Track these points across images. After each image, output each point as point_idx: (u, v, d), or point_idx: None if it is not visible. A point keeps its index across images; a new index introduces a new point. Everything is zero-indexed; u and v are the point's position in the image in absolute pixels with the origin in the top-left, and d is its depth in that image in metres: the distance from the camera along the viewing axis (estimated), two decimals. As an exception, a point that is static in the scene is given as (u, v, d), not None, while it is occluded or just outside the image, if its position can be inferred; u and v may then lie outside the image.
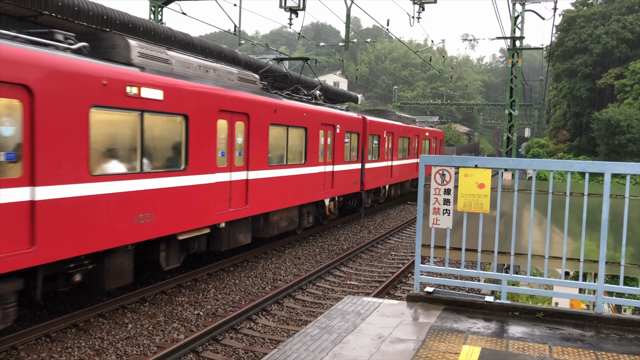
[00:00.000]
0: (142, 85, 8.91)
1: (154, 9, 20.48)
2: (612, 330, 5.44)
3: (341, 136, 17.60)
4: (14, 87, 6.83)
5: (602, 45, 47.61)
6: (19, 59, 6.89)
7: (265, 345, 8.55)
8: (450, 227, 6.07)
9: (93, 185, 8.05)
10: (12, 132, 6.83)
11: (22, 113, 6.96)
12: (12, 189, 6.80)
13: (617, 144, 41.82)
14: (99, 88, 8.10)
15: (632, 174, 5.56)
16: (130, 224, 8.78)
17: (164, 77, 9.48)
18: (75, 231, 7.76)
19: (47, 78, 7.27)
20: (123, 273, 9.07)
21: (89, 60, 8.15)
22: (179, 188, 9.88)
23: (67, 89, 7.58)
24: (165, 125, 9.63)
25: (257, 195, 12.48)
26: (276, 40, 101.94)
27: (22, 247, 6.92)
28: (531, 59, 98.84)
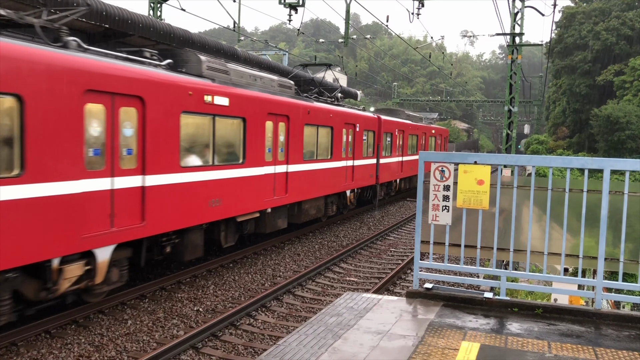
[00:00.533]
0: (215, 94, 10.95)
1: (153, 5, 20.44)
2: (611, 327, 5.45)
3: (360, 134, 19.55)
4: (133, 98, 8.81)
5: (602, 42, 47.55)
6: (136, 76, 8.86)
7: (264, 342, 8.56)
8: (450, 224, 6.08)
9: (182, 174, 10.07)
10: (131, 133, 8.82)
11: (137, 118, 8.93)
12: (130, 177, 8.83)
13: (616, 140, 41.81)
14: (186, 97, 10.10)
15: (632, 170, 5.56)
16: (206, 207, 10.80)
17: (228, 86, 11.52)
18: (169, 211, 9.74)
19: (153, 90, 9.20)
20: (197, 247, 10.97)
21: (178, 75, 10.15)
22: (239, 178, 11.93)
23: (166, 98, 9.56)
24: (229, 126, 11.66)
25: (294, 186, 14.52)
26: (275, 37, 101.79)
27: (136, 222, 8.96)
28: (531, 56, 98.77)
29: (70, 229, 7.70)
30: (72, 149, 7.72)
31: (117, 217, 8.53)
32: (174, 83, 9.80)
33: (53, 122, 7.42)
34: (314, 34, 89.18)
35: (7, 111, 6.87)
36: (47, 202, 7.36)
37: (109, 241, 8.42)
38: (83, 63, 7.96)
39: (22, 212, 7.03)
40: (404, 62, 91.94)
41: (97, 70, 8.15)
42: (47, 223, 7.37)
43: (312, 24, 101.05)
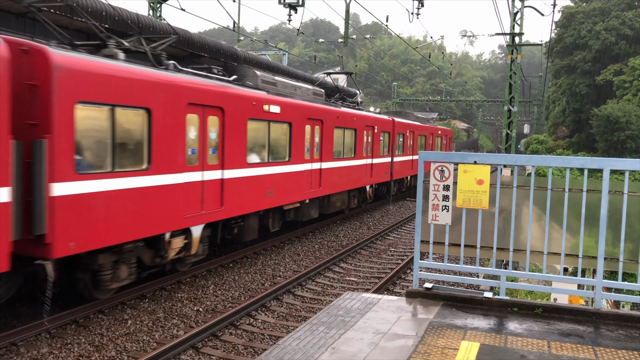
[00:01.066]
0: (270, 104, 13.21)
1: (153, 5, 20.44)
2: (611, 326, 5.45)
3: (378, 135, 21.78)
4: (216, 108, 11.14)
5: (602, 42, 47.53)
6: (219, 90, 11.20)
7: (264, 341, 8.57)
8: (449, 223, 6.08)
9: (248, 169, 12.44)
10: (215, 136, 11.21)
11: (219, 124, 11.27)
12: (214, 171, 11.22)
13: (616, 140, 41.79)
14: (251, 107, 12.43)
15: (631, 170, 5.56)
16: (263, 196, 13.18)
17: (279, 97, 13.80)
18: (239, 199, 12.08)
19: (230, 102, 11.51)
20: (254, 230, 13.35)
21: (245, 89, 12.43)
22: (286, 173, 14.29)
23: (238, 108, 11.84)
24: (280, 130, 13.97)
25: (326, 181, 16.83)
26: (275, 37, 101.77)
27: (217, 207, 11.33)
28: (530, 55, 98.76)
29: (177, 211, 10.04)
30: (179, 149, 10.03)
31: (205, 203, 10.93)
32: (244, 96, 12.18)
33: (168, 129, 9.70)
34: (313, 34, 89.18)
35: (140, 121, 9.24)
36: (163, 189, 9.68)
37: (200, 221, 10.79)
38: (187, 82, 10.24)
39: (148, 196, 9.33)
40: (404, 62, 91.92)
41: (195, 87, 10.48)
42: (163, 205, 9.66)
43: (312, 24, 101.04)
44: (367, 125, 20.43)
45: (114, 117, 8.61)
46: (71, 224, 7.86)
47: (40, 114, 7.53)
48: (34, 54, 7.54)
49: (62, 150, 7.69)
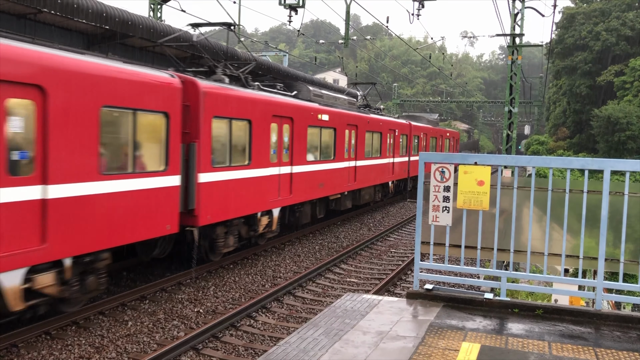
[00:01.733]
0: (322, 113, 16.49)
1: (154, 6, 20.46)
2: (612, 327, 5.45)
3: (398, 137, 25.13)
4: (288, 118, 14.44)
5: (602, 43, 47.53)
6: (290, 104, 14.58)
7: (265, 343, 8.56)
8: (450, 225, 6.07)
9: (307, 166, 15.58)
10: (287, 139, 14.43)
11: (290, 130, 14.51)
12: (286, 167, 14.39)
13: (616, 141, 41.78)
14: (310, 116, 15.67)
15: (632, 171, 5.55)
16: (317, 188, 16.39)
17: (326, 107, 17.03)
18: (302, 189, 15.26)
19: (296, 112, 14.83)
20: (307, 215, 16.43)
21: (305, 102, 15.71)
22: (332, 169, 17.49)
23: (302, 117, 15.11)
24: (327, 134, 17.15)
25: (359, 177, 19.88)
26: (276, 38, 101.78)
27: (288, 195, 14.52)
28: (531, 56, 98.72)
29: (265, 196, 13.28)
30: (267, 150, 13.25)
31: (281, 191, 14.13)
32: (305, 107, 15.50)
33: (261, 134, 12.93)
34: (314, 34, 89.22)
35: (245, 129, 12.38)
36: (257, 180, 12.93)
37: (278, 205, 13.98)
38: (272, 99, 13.56)
39: (248, 184, 12.54)
40: (404, 62, 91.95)
41: (276, 102, 13.76)
42: (257, 192, 12.93)
43: (312, 25, 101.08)
44: (390, 129, 23.70)
45: (231, 127, 11.84)
46: (208, 203, 10.94)
47: (192, 125, 10.56)
48: (188, 83, 10.51)
49: (205, 151, 10.81)
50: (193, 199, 10.57)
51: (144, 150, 9.53)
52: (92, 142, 8.23)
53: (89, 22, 11.86)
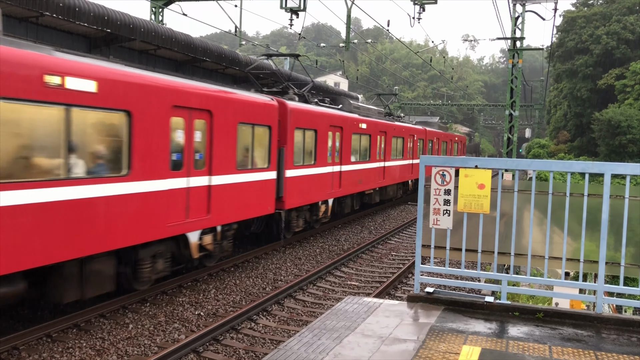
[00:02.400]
0: (362, 123, 19.89)
1: (155, 9, 20.51)
2: (612, 331, 5.45)
3: (416, 141, 29.02)
4: (339, 127, 17.67)
5: (603, 46, 47.58)
6: (340, 115, 17.92)
7: (265, 346, 8.56)
8: (451, 228, 6.08)
9: (351, 166, 19.04)
10: (338, 145, 17.65)
11: (340, 137, 17.84)
12: (336, 166, 17.63)
13: (617, 144, 41.78)
14: (354, 125, 19.10)
15: (632, 175, 5.56)
16: (357, 184, 19.80)
17: (364, 117, 20.45)
18: (348, 184, 18.75)
19: (345, 122, 18.19)
20: (349, 206, 19.87)
21: (348, 113, 19.06)
22: (367, 169, 20.88)
23: (348, 126, 18.42)
24: (365, 139, 20.59)
25: (386, 175, 23.40)
26: (277, 41, 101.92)
27: (338, 189, 17.81)
28: (532, 60, 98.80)
29: (324, 189, 16.87)
30: (326, 152, 16.88)
31: (333, 185, 17.64)
32: (351, 118, 19.00)
33: (323, 140, 16.57)
34: (315, 38, 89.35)
35: (313, 137, 15.94)
36: (321, 175, 16.55)
37: (332, 196, 17.50)
38: (329, 112, 17.22)
39: (314, 179, 16.01)
40: (405, 66, 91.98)
41: (331, 115, 17.23)
42: (320, 185, 16.47)
43: (314, 28, 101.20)
44: (410, 134, 27.62)
45: (304, 135, 15.41)
46: (290, 192, 14.55)
47: (282, 134, 14.11)
48: (280, 104, 14.11)
49: (289, 153, 14.45)
50: (282, 189, 14.19)
51: (257, 152, 13.12)
52: (233, 147, 11.82)
53: (90, 25, 11.90)
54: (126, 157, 8.78)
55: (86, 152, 8.15)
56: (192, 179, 10.48)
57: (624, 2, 49.66)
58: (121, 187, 8.69)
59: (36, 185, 7.27)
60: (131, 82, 8.83)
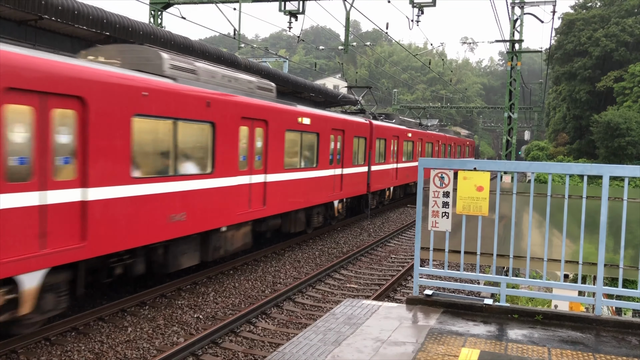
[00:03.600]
0: (409, 132, 27.40)
1: (154, 12, 20.54)
2: (611, 333, 5.44)
3: (440, 145, 35.27)
4: (396, 137, 25.12)
5: (602, 48, 47.60)
6: (399, 129, 25.85)
7: (264, 349, 8.55)
8: (449, 230, 6.08)
9: (403, 164, 26.42)
10: (396, 149, 25.48)
11: (397, 144, 25.31)
12: (394, 164, 24.95)
13: (616, 146, 41.77)
14: (405, 134, 26.48)
15: (631, 177, 5.56)
16: (405, 177, 26.77)
17: (408, 128, 27.80)
18: (401, 177, 26.17)
19: (400, 133, 25.64)
20: (398, 194, 27.16)
21: (400, 125, 26.67)
22: (411, 167, 27.27)
23: (402, 135, 26.01)
24: (410, 144, 27.46)
25: (399, 176, 26.27)
26: (276, 44, 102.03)
27: (395, 180, 25.41)
28: (530, 62, 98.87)
29: (390, 179, 24.39)
30: (390, 155, 23.79)
31: (393, 178, 24.65)
32: (404, 130, 26.35)
33: (389, 146, 23.73)
34: (314, 41, 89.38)
35: (383, 143, 23.00)
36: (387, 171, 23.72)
37: (392, 185, 24.94)
38: (393, 126, 24.66)
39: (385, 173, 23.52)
40: (404, 68, 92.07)
41: (395, 128, 24.82)
42: (387, 177, 23.83)
43: (313, 31, 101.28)
44: (436, 140, 34.15)
45: (379, 143, 21.98)
46: (374, 182, 21.60)
47: (368, 144, 20.92)
48: (370, 123, 21.20)
49: (373, 154, 21.13)
50: (369, 179, 20.95)
51: (359, 154, 20.17)
52: (352, 151, 19.36)
53: (89, 28, 11.91)
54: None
55: None
56: (336, 170, 18.08)
57: (622, 5, 49.76)
58: None
59: None
60: None
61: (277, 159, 13.64)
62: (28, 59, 7.24)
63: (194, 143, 10.57)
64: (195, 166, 10.69)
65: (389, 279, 13.11)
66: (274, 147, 13.50)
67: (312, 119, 15.58)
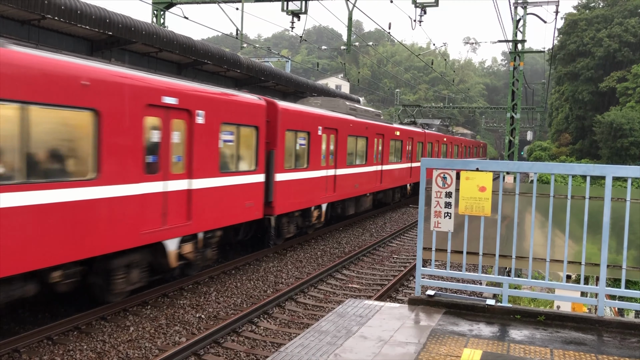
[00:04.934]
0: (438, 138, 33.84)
1: (156, 12, 20.56)
2: (614, 334, 5.43)
3: (461, 147, 41.33)
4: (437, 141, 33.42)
5: (604, 49, 47.55)
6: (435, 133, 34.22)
7: (266, 348, 8.55)
8: (452, 231, 6.07)
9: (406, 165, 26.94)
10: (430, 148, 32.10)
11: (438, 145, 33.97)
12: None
13: (619, 147, 41.73)
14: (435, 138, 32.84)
15: (634, 177, 5.55)
16: (408, 177, 27.47)
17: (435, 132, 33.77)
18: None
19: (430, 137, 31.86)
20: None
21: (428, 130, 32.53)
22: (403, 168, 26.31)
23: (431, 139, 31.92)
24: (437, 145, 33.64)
25: (414, 175, 28.18)
26: (278, 44, 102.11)
27: (409, 179, 27.84)
28: (533, 62, 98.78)
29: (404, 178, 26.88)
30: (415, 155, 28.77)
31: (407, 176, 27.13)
32: (433, 134, 32.28)
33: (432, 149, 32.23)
34: (316, 40, 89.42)
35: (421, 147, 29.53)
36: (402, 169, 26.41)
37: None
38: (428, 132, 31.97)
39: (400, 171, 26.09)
40: (407, 68, 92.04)
41: (429, 133, 31.46)
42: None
43: (315, 31, 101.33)
44: (457, 143, 40.02)
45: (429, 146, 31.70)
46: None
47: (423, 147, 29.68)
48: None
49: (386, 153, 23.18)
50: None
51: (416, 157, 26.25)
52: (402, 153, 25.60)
53: (92, 28, 11.92)
54: None
55: None
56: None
57: (625, 5, 49.67)
58: None
59: None
60: None
61: (388, 156, 23.73)
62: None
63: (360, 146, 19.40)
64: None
65: (391, 279, 13.10)
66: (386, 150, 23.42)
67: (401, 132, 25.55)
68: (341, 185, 18.14)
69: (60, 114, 7.84)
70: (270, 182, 13.60)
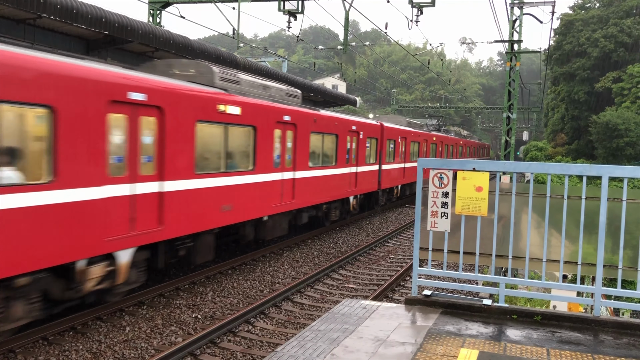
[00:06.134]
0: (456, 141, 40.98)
1: (153, 12, 20.52)
2: (610, 334, 5.44)
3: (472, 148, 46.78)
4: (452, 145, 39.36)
5: (600, 49, 47.62)
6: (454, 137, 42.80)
7: (263, 349, 8.54)
8: (448, 230, 6.07)
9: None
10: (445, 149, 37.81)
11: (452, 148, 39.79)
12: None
13: (615, 147, 41.79)
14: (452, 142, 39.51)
15: (630, 177, 5.56)
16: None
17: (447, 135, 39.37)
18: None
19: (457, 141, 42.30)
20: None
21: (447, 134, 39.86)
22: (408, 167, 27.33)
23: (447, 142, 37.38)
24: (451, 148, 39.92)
25: (407, 175, 28.05)
26: (275, 44, 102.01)
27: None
28: (529, 63, 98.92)
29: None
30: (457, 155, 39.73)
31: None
32: (452, 138, 39.68)
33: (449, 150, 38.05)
34: (313, 40, 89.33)
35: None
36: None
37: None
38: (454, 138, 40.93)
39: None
40: (403, 68, 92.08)
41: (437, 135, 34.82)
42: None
43: (312, 31, 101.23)
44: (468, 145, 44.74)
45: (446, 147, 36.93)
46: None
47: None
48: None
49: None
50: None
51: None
52: None
53: (88, 27, 11.89)
54: None
55: None
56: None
57: (621, 6, 49.79)
58: None
59: None
60: None
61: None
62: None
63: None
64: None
65: (388, 279, 13.11)
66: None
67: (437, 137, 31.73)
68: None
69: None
70: None
